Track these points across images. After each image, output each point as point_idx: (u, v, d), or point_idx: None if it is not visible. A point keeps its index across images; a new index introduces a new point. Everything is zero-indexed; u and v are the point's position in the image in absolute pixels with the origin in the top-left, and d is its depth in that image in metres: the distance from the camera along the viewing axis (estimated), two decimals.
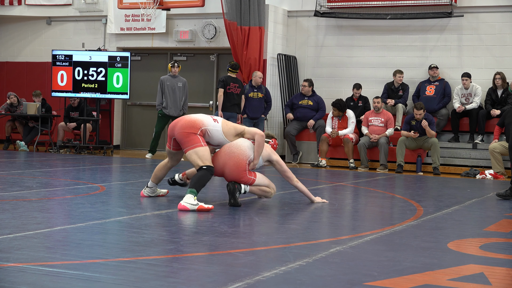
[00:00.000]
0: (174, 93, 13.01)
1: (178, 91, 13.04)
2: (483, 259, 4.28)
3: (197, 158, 6.15)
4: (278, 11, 14.28)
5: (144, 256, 4.05)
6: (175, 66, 13.05)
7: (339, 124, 12.75)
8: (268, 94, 13.30)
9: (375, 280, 3.60)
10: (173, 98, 13.00)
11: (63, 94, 14.21)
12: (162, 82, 13.07)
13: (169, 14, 14.92)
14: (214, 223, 5.47)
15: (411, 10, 13.39)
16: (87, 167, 10.94)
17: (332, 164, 12.86)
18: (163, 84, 13.03)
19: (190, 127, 6.25)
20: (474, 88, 12.70)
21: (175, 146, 6.47)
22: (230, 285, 3.37)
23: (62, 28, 16.29)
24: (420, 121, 11.88)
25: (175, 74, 13.08)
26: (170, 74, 13.10)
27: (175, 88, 13.03)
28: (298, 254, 4.19)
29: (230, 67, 12.78)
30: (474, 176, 11.39)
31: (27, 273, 3.49)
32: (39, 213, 5.62)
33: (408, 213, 6.44)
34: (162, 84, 13.04)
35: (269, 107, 13.31)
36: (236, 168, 6.38)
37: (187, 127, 6.25)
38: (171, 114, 12.96)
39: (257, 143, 6.42)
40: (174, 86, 13.02)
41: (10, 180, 8.19)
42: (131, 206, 6.30)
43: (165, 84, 13.02)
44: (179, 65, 13.19)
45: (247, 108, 13.07)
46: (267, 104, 13.24)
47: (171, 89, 13.00)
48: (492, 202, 7.69)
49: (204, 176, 6.10)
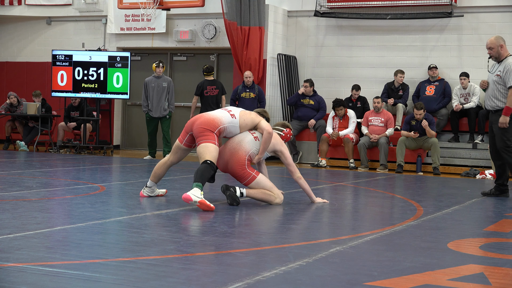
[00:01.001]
0: (158, 94, 12.91)
1: (163, 92, 12.93)
2: (483, 259, 4.29)
3: (206, 152, 6.26)
4: (278, 11, 14.28)
5: (144, 256, 4.05)
6: (160, 67, 12.94)
7: (340, 124, 12.75)
8: (261, 93, 13.28)
9: (375, 280, 3.60)
10: (158, 100, 12.92)
11: (63, 94, 14.21)
12: (146, 84, 13.00)
13: (169, 14, 14.92)
14: (214, 223, 5.47)
15: (411, 10, 13.39)
16: (87, 167, 10.94)
17: (332, 164, 12.86)
18: (147, 87, 12.96)
19: (209, 124, 6.39)
20: (472, 88, 12.70)
21: (188, 142, 6.56)
22: (230, 285, 3.37)
23: (62, 28, 16.30)
24: (420, 121, 11.88)
25: (160, 74, 12.98)
26: (155, 75, 13.00)
27: (160, 89, 12.93)
28: (298, 254, 4.19)
29: (205, 71, 13.02)
30: (474, 176, 11.39)
31: (27, 273, 3.49)
32: (39, 213, 5.62)
33: (408, 213, 6.44)
34: (146, 87, 12.97)
35: (263, 107, 13.30)
36: (237, 164, 6.50)
37: (206, 124, 6.40)
38: (155, 116, 12.95)
39: (263, 140, 6.57)
40: (159, 87, 12.93)
41: (10, 180, 8.19)
42: (131, 206, 6.30)
43: (149, 86, 12.95)
44: (164, 65, 13.15)
45: None
46: (260, 104, 13.23)
47: (156, 90, 12.91)
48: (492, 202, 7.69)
49: (206, 170, 6.15)
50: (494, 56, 7.92)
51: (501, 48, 7.85)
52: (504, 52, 7.86)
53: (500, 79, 7.80)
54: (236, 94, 13.15)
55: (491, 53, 7.91)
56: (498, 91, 7.85)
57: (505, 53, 7.88)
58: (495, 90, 7.87)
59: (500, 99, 7.83)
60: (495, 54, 7.88)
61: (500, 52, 7.86)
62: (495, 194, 8.05)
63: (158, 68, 12.94)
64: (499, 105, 7.85)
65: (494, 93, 7.88)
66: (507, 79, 7.72)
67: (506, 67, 7.74)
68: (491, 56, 7.98)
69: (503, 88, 7.80)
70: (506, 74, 7.73)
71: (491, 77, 7.99)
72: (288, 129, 7.09)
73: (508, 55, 7.89)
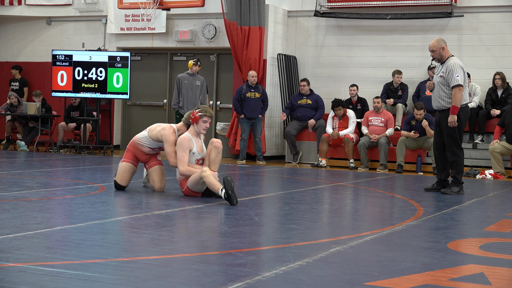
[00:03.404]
0: (192, 92, 12.43)
1: (196, 90, 12.46)
2: (483, 259, 4.28)
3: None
4: (278, 11, 14.28)
5: (144, 256, 4.05)
6: (197, 65, 12.45)
7: (339, 124, 12.75)
8: (265, 94, 13.28)
9: (375, 280, 3.60)
10: (191, 97, 12.42)
11: (63, 94, 14.21)
12: (179, 80, 12.47)
13: (169, 14, 14.92)
14: (214, 223, 5.47)
15: (411, 10, 13.39)
16: (87, 167, 10.95)
17: (332, 164, 12.86)
18: (180, 83, 12.44)
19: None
20: (473, 88, 12.70)
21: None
22: (230, 285, 3.38)
23: (62, 28, 16.30)
24: (420, 121, 11.88)
25: (195, 72, 12.49)
26: (189, 72, 12.49)
27: (194, 87, 12.45)
28: (298, 254, 4.19)
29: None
30: (474, 176, 11.39)
31: (27, 273, 3.49)
32: (39, 213, 5.62)
33: (408, 213, 6.44)
34: (179, 83, 12.44)
35: (266, 107, 13.30)
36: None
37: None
38: None
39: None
40: (193, 85, 12.45)
41: (10, 180, 8.19)
42: (131, 206, 6.30)
43: (182, 82, 12.43)
44: (201, 64, 12.74)
45: (245, 108, 13.06)
46: (264, 104, 13.23)
47: (189, 87, 12.42)
48: (492, 202, 7.70)
49: None
50: (437, 58, 8.31)
51: (443, 50, 8.25)
52: (445, 53, 8.26)
53: (444, 80, 8.18)
54: (241, 94, 13.09)
55: (434, 55, 8.32)
56: (442, 91, 8.22)
57: (447, 55, 8.27)
58: (440, 91, 8.24)
59: (445, 99, 8.20)
60: (438, 56, 8.29)
61: (442, 54, 8.23)
62: (437, 189, 8.37)
63: (195, 66, 12.40)
64: (445, 105, 8.22)
65: (439, 93, 8.26)
66: (449, 79, 8.10)
67: (448, 67, 8.13)
68: (434, 58, 8.37)
69: (447, 88, 8.18)
70: (448, 75, 8.11)
71: (435, 78, 8.35)
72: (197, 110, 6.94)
73: (449, 56, 8.26)
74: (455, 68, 8.05)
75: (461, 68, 8.10)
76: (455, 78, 8.02)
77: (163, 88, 15.60)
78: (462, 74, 8.06)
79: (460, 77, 8.03)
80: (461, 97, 8.05)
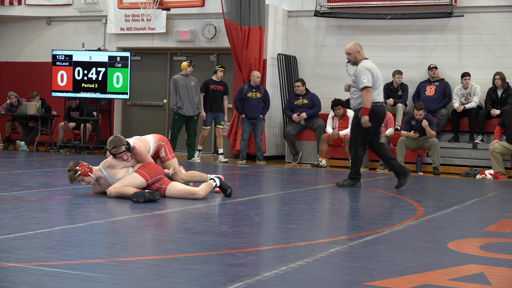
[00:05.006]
0: (188, 92, 12.65)
1: (193, 90, 12.68)
2: (483, 259, 4.28)
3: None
4: (278, 11, 14.28)
5: (144, 256, 4.05)
6: (192, 66, 12.77)
7: (339, 123, 12.75)
8: (267, 94, 13.29)
9: (375, 280, 3.59)
10: (188, 97, 12.65)
11: (63, 94, 14.21)
12: (175, 81, 12.64)
13: (169, 14, 14.92)
14: (214, 223, 5.47)
15: (411, 10, 13.39)
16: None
17: (332, 164, 12.86)
18: (176, 84, 12.61)
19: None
20: (473, 88, 12.70)
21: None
22: (230, 285, 3.37)
23: (62, 28, 16.30)
24: (420, 121, 11.88)
25: (188, 73, 12.74)
26: (182, 73, 12.71)
27: (190, 87, 12.66)
28: (298, 254, 4.19)
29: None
30: (474, 176, 11.39)
31: (27, 273, 3.49)
32: (39, 213, 5.62)
33: (408, 213, 6.44)
34: (176, 84, 12.61)
35: (267, 107, 13.30)
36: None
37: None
38: (187, 114, 12.69)
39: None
40: (188, 85, 12.65)
41: (10, 180, 8.20)
42: (131, 206, 6.30)
43: (178, 83, 12.61)
44: (194, 65, 13.01)
45: (246, 108, 13.07)
46: (265, 104, 13.23)
47: (185, 88, 12.62)
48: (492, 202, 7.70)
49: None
50: (352, 61, 8.59)
51: (358, 53, 8.52)
52: (360, 57, 8.53)
53: (354, 82, 8.48)
54: (242, 94, 13.11)
55: (349, 58, 8.61)
56: (354, 93, 8.52)
57: (361, 58, 8.53)
58: (353, 93, 8.54)
59: (357, 100, 8.47)
60: (353, 59, 8.57)
61: (357, 57, 8.51)
62: (350, 185, 8.56)
63: (189, 67, 12.69)
64: (356, 106, 8.51)
65: (352, 95, 8.57)
66: (358, 81, 8.38)
67: (357, 71, 8.45)
68: (349, 61, 8.62)
69: (357, 90, 8.45)
70: (357, 78, 8.41)
71: (350, 80, 8.65)
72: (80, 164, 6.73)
73: (362, 59, 8.51)
74: (362, 71, 8.34)
75: (368, 70, 8.34)
76: (362, 81, 8.30)
77: (163, 88, 15.60)
78: (369, 76, 8.31)
79: (367, 79, 8.29)
80: (370, 98, 8.29)
